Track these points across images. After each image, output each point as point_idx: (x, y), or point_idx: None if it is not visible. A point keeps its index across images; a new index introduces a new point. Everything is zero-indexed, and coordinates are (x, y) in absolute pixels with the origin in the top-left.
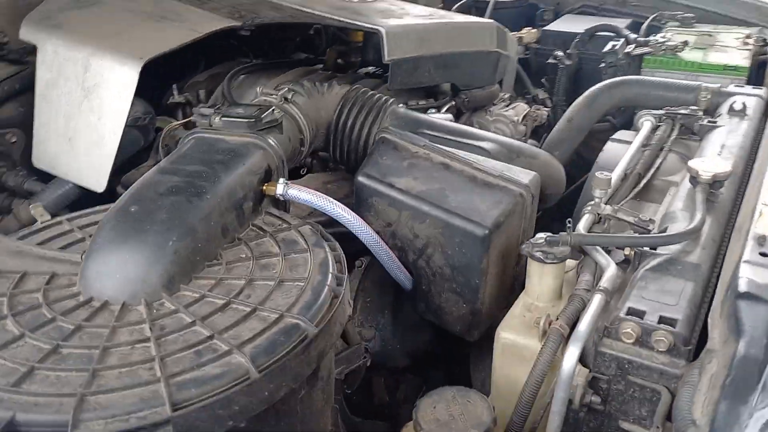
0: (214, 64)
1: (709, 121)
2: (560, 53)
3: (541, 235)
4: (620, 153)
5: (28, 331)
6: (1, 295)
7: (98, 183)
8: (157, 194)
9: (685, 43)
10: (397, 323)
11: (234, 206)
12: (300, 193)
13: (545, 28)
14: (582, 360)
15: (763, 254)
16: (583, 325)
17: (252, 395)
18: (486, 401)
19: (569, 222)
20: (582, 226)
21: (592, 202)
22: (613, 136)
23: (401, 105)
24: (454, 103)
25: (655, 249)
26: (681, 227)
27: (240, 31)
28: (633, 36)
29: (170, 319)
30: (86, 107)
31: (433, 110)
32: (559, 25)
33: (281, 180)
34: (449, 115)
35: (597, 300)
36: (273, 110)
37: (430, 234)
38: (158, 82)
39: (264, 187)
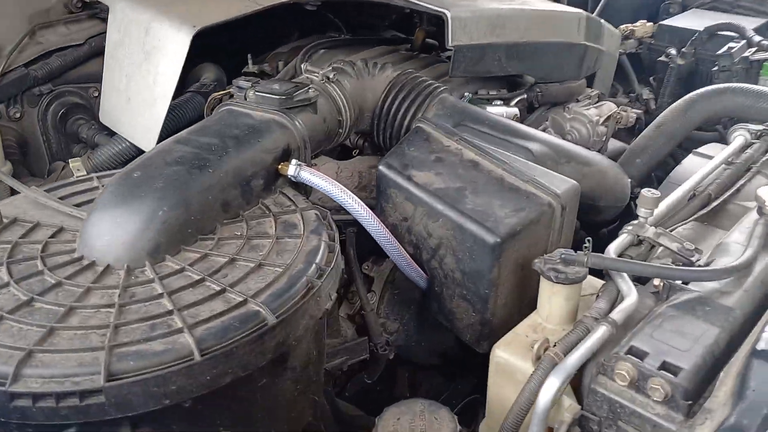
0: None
1: None
2: (673, 51)
3: (559, 250)
4: (699, 168)
5: (14, 281)
6: (8, 243)
7: (148, 143)
8: (163, 162)
9: None
10: (423, 320)
11: (240, 182)
12: (312, 176)
13: (662, 22)
14: (579, 395)
15: None
16: (573, 357)
17: (191, 377)
18: (454, 422)
19: (588, 241)
20: (613, 247)
21: (635, 222)
22: (698, 149)
23: (467, 93)
24: (525, 96)
25: (687, 283)
26: (727, 262)
27: (306, 6)
28: (758, 39)
29: (142, 288)
30: (144, 69)
31: (499, 102)
32: (678, 21)
33: (294, 161)
34: (514, 110)
35: (599, 332)
36: (308, 89)
37: (442, 235)
38: (251, 49)
39: (279, 167)
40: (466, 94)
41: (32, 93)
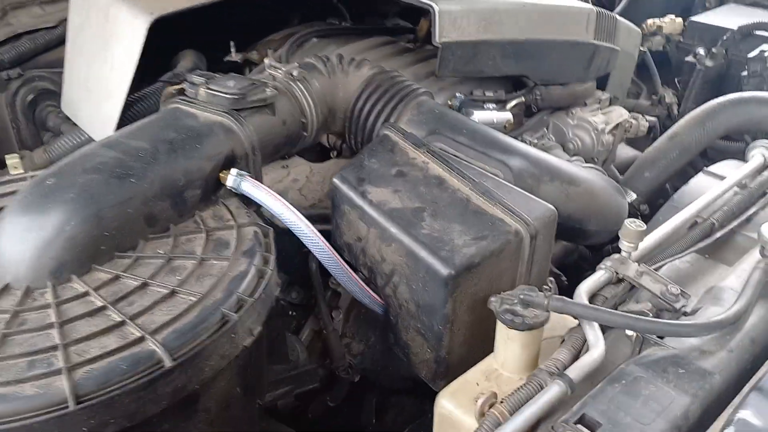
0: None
1: None
2: (701, 51)
3: (520, 288)
4: (707, 190)
5: None
6: None
7: (104, 136)
8: (80, 169)
9: None
10: (388, 342)
11: (170, 194)
12: (253, 188)
13: (693, 18)
14: None
15: None
16: (517, 420)
17: (64, 428)
18: None
19: (551, 282)
20: (586, 286)
21: (616, 256)
22: (709, 168)
23: (459, 94)
24: (523, 99)
25: (662, 338)
26: (716, 313)
27: None
28: None
29: (36, 314)
30: (102, 58)
31: (492, 106)
32: (711, 17)
33: (234, 171)
34: (506, 115)
35: (551, 391)
36: (266, 88)
37: (396, 261)
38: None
39: (220, 175)
40: (457, 95)
41: (0, 77)
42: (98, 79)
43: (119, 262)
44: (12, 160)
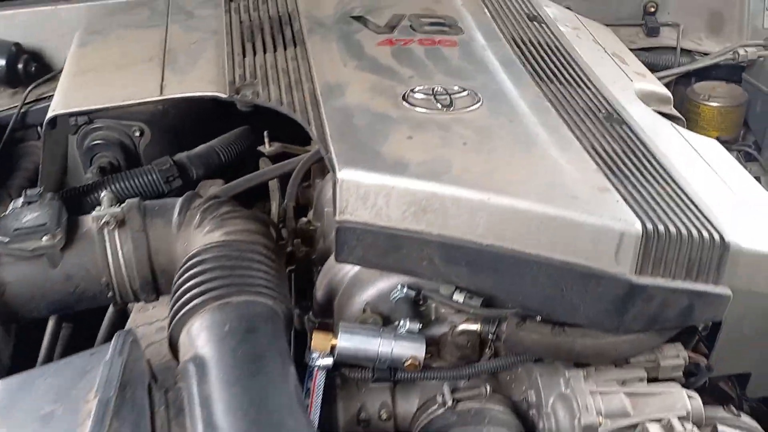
0: None
1: None
2: None
3: None
4: None
5: None
6: None
7: None
8: None
9: None
10: None
11: None
12: None
13: None
14: None
15: None
16: None
17: None
18: None
19: None
20: None
21: None
22: None
23: (403, 287)
24: (477, 329)
25: None
26: None
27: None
28: None
29: None
30: None
31: (412, 326)
32: None
33: None
34: (411, 350)
35: None
36: (45, 235)
37: None
38: None
39: None
40: (399, 286)
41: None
42: None
43: None
44: None
